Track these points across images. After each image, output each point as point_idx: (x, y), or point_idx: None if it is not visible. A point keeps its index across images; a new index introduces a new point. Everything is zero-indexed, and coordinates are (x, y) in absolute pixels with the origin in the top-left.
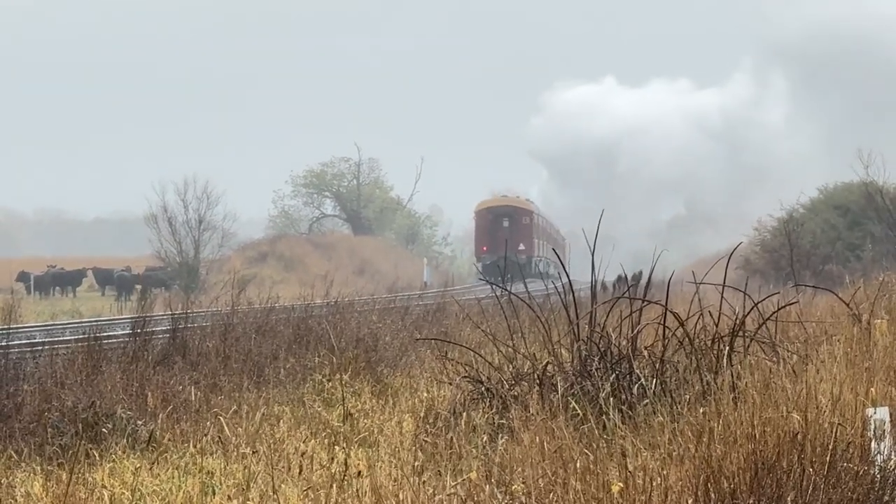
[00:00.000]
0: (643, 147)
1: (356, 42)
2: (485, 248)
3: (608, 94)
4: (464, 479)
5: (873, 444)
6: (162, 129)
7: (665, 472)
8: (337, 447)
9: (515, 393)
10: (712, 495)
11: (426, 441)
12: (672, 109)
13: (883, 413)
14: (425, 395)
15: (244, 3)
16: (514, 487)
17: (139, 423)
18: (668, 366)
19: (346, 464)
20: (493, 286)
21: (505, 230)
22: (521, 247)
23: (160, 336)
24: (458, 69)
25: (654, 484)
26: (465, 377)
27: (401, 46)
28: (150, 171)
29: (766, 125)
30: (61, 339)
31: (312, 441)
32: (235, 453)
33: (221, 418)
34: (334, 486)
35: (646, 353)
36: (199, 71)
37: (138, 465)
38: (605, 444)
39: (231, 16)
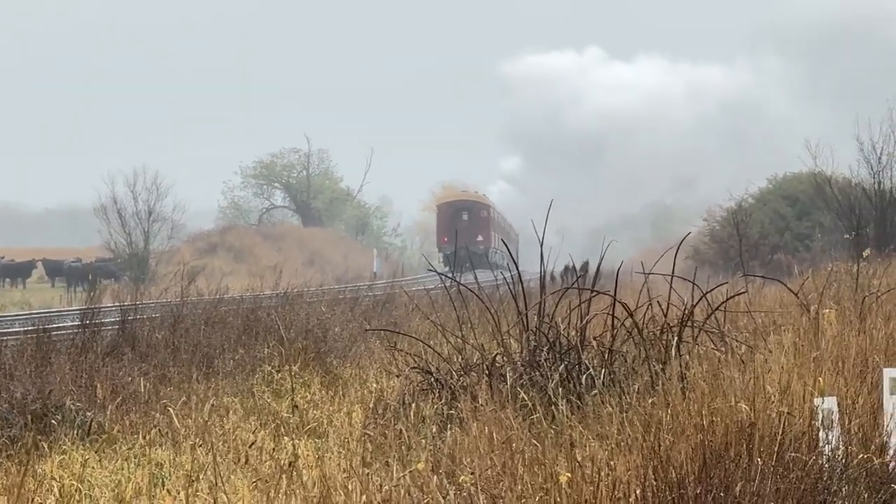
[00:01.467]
0: (630, 129)
1: (305, 31)
2: (446, 240)
3: (589, 68)
4: (412, 471)
5: (821, 434)
6: (111, 121)
7: (613, 463)
8: (286, 438)
9: (464, 383)
10: (660, 485)
11: (369, 434)
12: (665, 87)
13: (830, 403)
14: (374, 386)
15: None
16: (461, 478)
17: (88, 414)
18: (616, 356)
19: (294, 454)
20: (442, 276)
21: (464, 223)
22: (479, 238)
23: (109, 327)
24: (411, 56)
25: (602, 474)
26: (415, 368)
27: (351, 34)
28: (99, 162)
29: (769, 108)
30: (10, 330)
31: (261, 432)
32: (184, 444)
33: (170, 409)
34: (283, 476)
35: (595, 343)
36: (145, 62)
37: (87, 457)
38: (553, 435)
39: (176, 6)
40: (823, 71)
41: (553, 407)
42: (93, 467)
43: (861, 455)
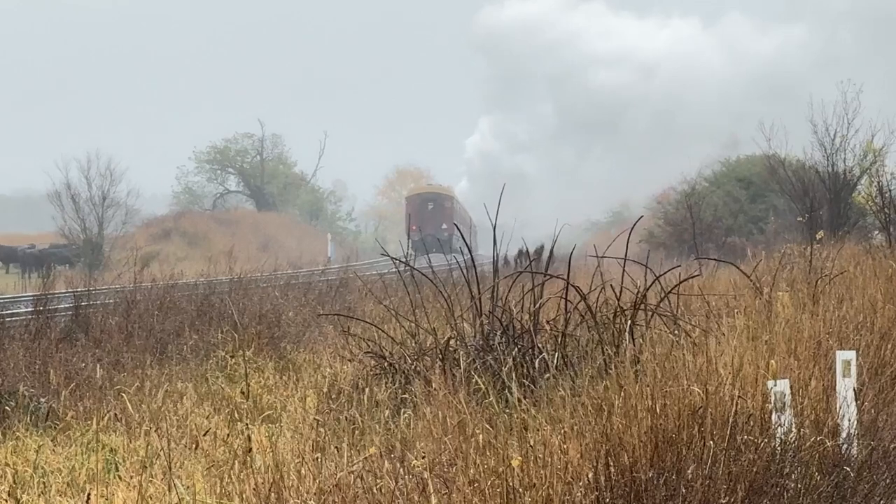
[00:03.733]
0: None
1: (258, 16)
2: (414, 227)
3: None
4: (366, 458)
5: (773, 416)
6: (64, 106)
7: (565, 447)
8: (240, 423)
9: (418, 368)
10: (612, 469)
11: (322, 419)
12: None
13: (783, 385)
14: (328, 371)
15: None
16: (414, 463)
17: (42, 400)
18: (570, 340)
19: (248, 440)
20: (396, 261)
21: (430, 213)
22: (444, 226)
23: (63, 313)
24: (367, 36)
25: (555, 458)
26: (368, 353)
27: (305, 18)
28: (53, 147)
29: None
30: None
31: (215, 417)
32: (138, 430)
33: (124, 395)
34: (236, 462)
35: (548, 327)
36: (99, 46)
37: (41, 443)
38: (506, 419)
39: None
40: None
41: (506, 391)
42: (47, 453)
43: (813, 437)
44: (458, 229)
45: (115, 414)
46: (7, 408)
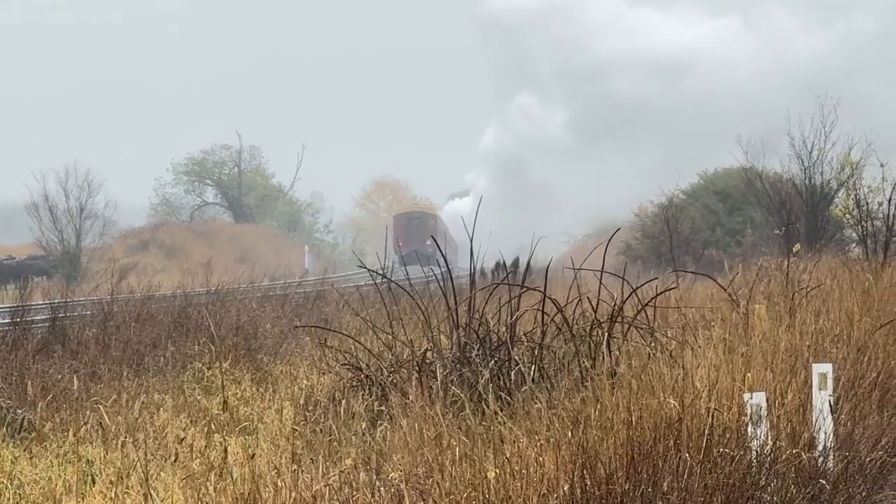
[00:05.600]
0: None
1: (235, 28)
2: (401, 243)
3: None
4: (343, 470)
5: (749, 429)
6: (43, 117)
7: (542, 459)
8: (216, 435)
9: (395, 380)
10: (588, 481)
11: (298, 430)
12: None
13: (759, 398)
14: (305, 382)
15: None
16: (390, 475)
17: (19, 412)
18: (546, 352)
19: (225, 451)
20: (373, 273)
21: (416, 229)
22: (428, 242)
23: (40, 325)
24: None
25: (531, 470)
26: (345, 365)
27: (281, 31)
28: (30, 159)
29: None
30: None
31: (192, 429)
32: (115, 442)
33: (101, 407)
34: (213, 473)
35: (525, 339)
36: (76, 56)
37: (17, 454)
38: (483, 431)
39: (107, 2)
40: None
41: (483, 403)
42: (23, 465)
43: (790, 450)
44: (436, 242)
45: (92, 425)
46: None
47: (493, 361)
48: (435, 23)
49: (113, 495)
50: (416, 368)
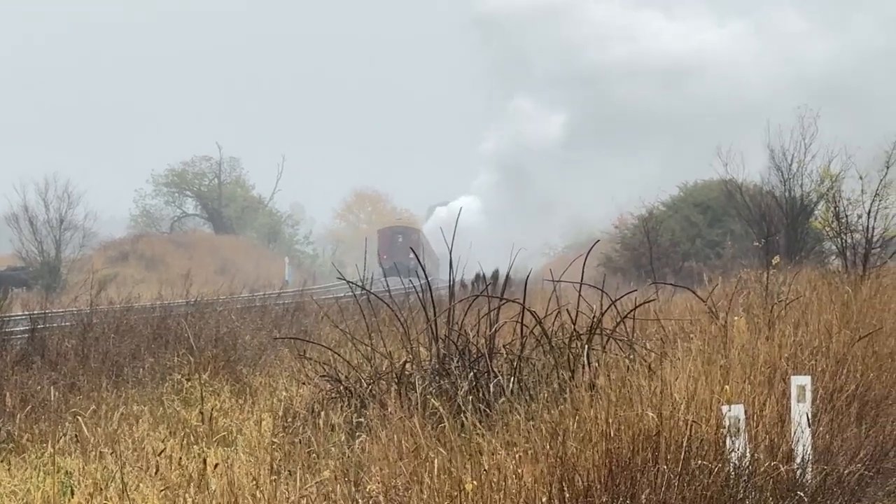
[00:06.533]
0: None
1: (216, 38)
2: (385, 256)
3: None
4: (321, 481)
5: (728, 441)
6: (22, 127)
7: (520, 471)
8: (195, 446)
9: (374, 392)
10: (566, 493)
11: (277, 442)
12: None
13: (738, 410)
14: (284, 394)
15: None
16: (369, 487)
17: None
18: (525, 364)
19: (204, 462)
20: (352, 285)
21: (400, 244)
22: (411, 256)
23: (19, 336)
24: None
25: (509, 482)
26: (324, 376)
27: (261, 41)
28: (10, 170)
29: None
30: None
31: (171, 440)
32: (94, 453)
33: (80, 418)
34: (192, 485)
35: (504, 351)
36: (56, 66)
37: None
38: (462, 443)
39: (88, 14)
40: None
41: (462, 415)
42: (1, 475)
43: (768, 462)
44: (416, 255)
45: (71, 437)
46: None
47: (472, 373)
48: (419, 33)
49: None
50: (395, 380)
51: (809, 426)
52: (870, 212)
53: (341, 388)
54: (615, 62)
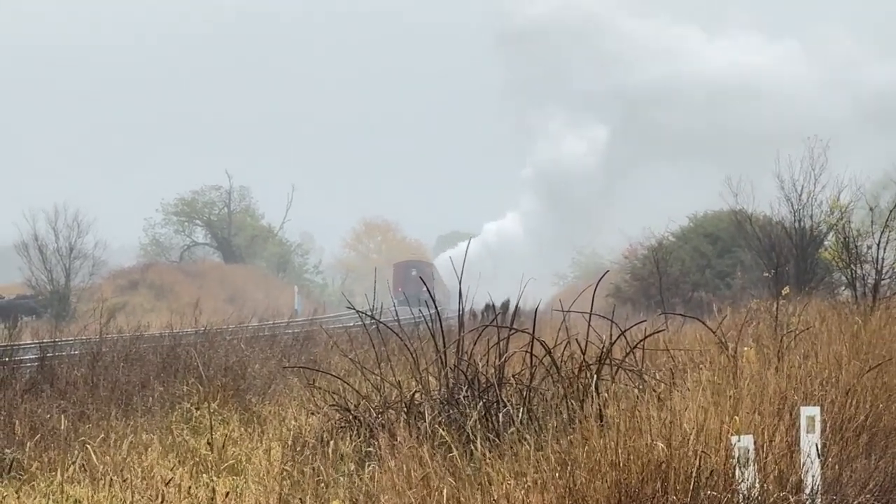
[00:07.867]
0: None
1: (225, 67)
2: (399, 289)
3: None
4: None
5: (737, 472)
6: (32, 156)
7: (529, 500)
8: (204, 475)
9: (383, 421)
10: None
11: (287, 471)
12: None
13: (747, 441)
14: (293, 423)
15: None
16: None
17: (7, 451)
18: (535, 394)
19: (213, 492)
20: (361, 314)
21: (414, 277)
22: (424, 289)
23: (29, 364)
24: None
25: None
26: (333, 405)
27: (271, 70)
28: (20, 198)
29: None
30: None
31: (180, 469)
32: (103, 481)
33: (89, 446)
34: None
35: (513, 381)
36: (66, 94)
37: (5, 494)
38: (471, 472)
39: (99, 37)
40: None
41: (471, 444)
42: None
43: (777, 493)
44: (427, 288)
45: (80, 465)
46: None
47: (481, 403)
48: (433, 64)
49: None
50: (405, 409)
51: (819, 457)
52: (879, 243)
53: (350, 417)
54: (653, 81)
